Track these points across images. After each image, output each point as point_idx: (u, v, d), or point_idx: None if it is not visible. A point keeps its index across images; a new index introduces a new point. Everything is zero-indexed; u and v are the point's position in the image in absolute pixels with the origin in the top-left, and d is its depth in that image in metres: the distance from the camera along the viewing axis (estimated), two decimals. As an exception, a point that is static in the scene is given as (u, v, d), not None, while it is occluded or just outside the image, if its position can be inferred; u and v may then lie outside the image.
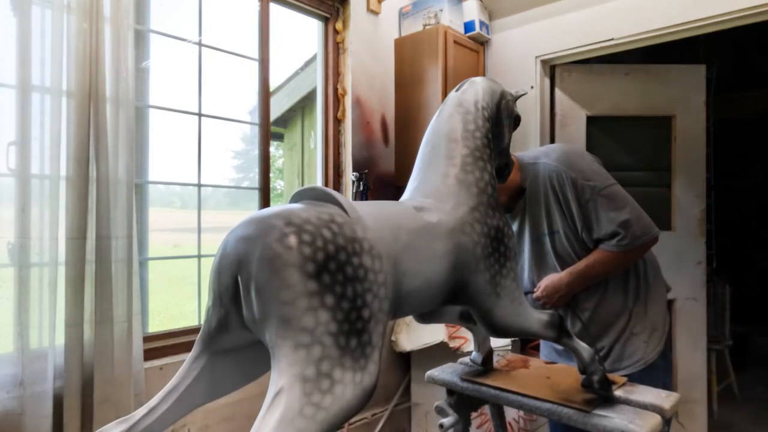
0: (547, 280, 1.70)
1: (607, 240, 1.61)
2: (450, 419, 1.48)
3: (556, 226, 1.69)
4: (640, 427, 1.17)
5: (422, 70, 2.82)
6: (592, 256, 1.64)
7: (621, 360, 1.69)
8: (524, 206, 1.75)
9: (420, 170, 1.28)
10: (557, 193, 1.66)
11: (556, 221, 1.68)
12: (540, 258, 1.75)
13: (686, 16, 2.43)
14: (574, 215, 1.64)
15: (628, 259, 1.63)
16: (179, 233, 3.04)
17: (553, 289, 1.68)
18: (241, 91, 2.62)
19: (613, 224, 1.59)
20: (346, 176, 2.75)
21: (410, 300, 1.05)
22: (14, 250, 1.58)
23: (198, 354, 0.98)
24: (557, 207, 1.67)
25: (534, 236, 1.75)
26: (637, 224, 1.58)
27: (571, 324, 1.73)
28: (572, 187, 1.63)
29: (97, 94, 1.69)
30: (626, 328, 1.69)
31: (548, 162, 1.69)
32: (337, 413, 0.83)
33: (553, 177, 1.66)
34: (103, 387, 1.67)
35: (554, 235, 1.70)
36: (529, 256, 1.78)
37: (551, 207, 1.68)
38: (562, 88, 3.01)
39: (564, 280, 1.67)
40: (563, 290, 1.67)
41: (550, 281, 1.69)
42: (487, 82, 1.37)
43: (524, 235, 1.77)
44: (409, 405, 2.93)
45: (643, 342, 1.68)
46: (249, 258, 0.85)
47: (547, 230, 1.71)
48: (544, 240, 1.72)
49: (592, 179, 1.64)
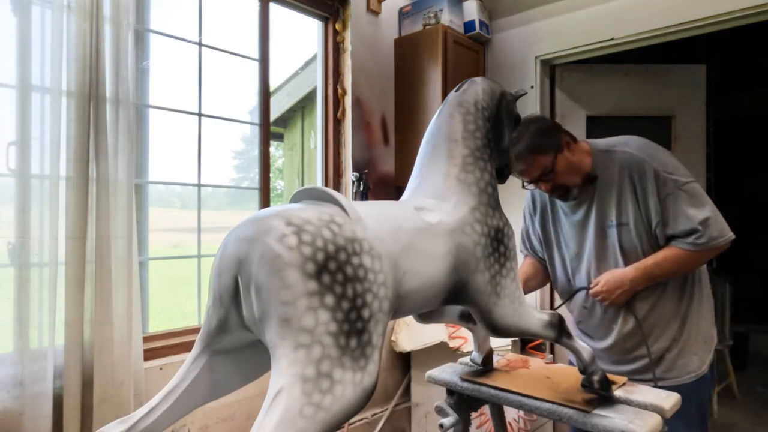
0: (608, 274, 1.61)
1: (682, 237, 1.54)
2: (450, 419, 1.48)
3: (626, 218, 1.60)
4: (640, 427, 1.17)
5: (422, 70, 2.82)
6: (662, 253, 1.56)
7: (672, 370, 1.63)
8: (593, 194, 1.65)
9: (420, 170, 1.28)
10: (634, 184, 1.58)
11: (628, 212, 1.60)
12: (601, 250, 1.65)
13: (686, 16, 2.43)
14: (650, 208, 1.56)
15: (698, 260, 1.57)
16: (179, 233, 3.04)
17: (615, 284, 1.58)
18: (241, 91, 2.62)
19: (692, 221, 1.52)
20: (346, 176, 2.74)
21: (410, 300, 1.05)
22: (14, 250, 1.58)
23: (198, 354, 0.98)
24: (632, 197, 1.58)
25: (599, 227, 1.65)
26: (715, 224, 1.52)
27: (623, 322, 1.65)
28: (654, 178, 1.55)
29: (97, 94, 1.69)
30: (680, 336, 1.63)
31: (628, 151, 1.61)
32: (337, 413, 0.83)
33: (633, 166, 1.58)
34: (103, 387, 1.67)
35: (622, 227, 1.61)
36: (589, 248, 1.68)
37: (624, 197, 1.60)
38: (562, 88, 3.01)
39: (628, 275, 1.57)
40: (626, 286, 1.57)
41: (612, 276, 1.59)
42: (487, 82, 1.37)
43: (588, 225, 1.67)
44: (409, 405, 2.93)
45: (694, 354, 1.63)
46: (249, 258, 0.85)
47: (615, 221, 1.61)
48: (610, 231, 1.63)
49: (674, 173, 1.56)
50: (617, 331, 1.67)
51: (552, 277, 1.85)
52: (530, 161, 1.60)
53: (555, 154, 1.60)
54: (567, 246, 1.75)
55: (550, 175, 1.61)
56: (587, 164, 1.64)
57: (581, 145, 1.68)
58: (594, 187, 1.65)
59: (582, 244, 1.70)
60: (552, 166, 1.60)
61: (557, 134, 1.63)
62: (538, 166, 1.61)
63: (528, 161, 1.60)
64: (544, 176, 1.61)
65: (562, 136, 1.63)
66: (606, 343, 1.70)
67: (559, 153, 1.61)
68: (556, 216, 1.78)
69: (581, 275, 1.72)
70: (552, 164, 1.60)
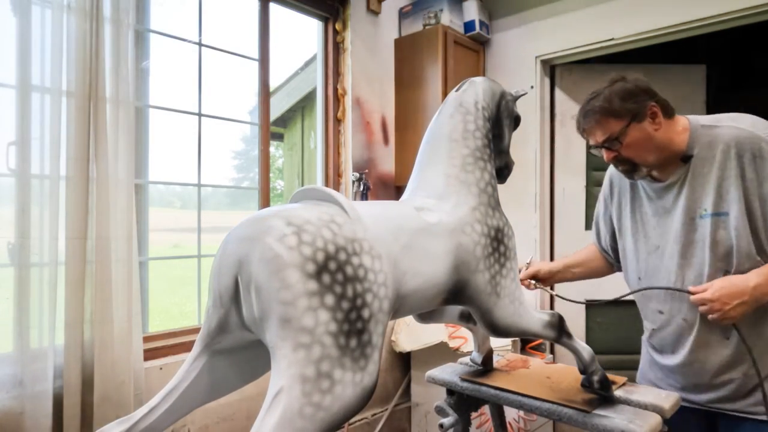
0: (723, 281, 1.28)
1: None
2: (450, 419, 1.48)
3: (726, 207, 1.31)
4: (640, 427, 1.17)
5: (422, 70, 2.82)
6: None
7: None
8: (685, 176, 1.38)
9: (420, 170, 1.28)
10: (743, 166, 1.30)
11: (729, 201, 1.31)
12: (687, 246, 1.37)
13: (686, 16, 2.43)
14: (765, 196, 1.28)
15: None
16: (179, 233, 3.04)
17: (733, 293, 1.25)
18: (241, 91, 2.62)
19: None
20: (346, 176, 2.74)
21: (410, 300, 1.05)
22: (14, 250, 1.58)
23: (198, 354, 0.98)
24: (737, 183, 1.30)
25: (688, 217, 1.37)
26: None
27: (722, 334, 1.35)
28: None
29: (97, 94, 1.69)
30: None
31: (738, 127, 1.33)
32: (337, 413, 0.83)
33: (744, 144, 1.30)
34: (103, 387, 1.67)
35: (719, 217, 1.32)
36: (673, 242, 1.40)
37: (727, 181, 1.31)
38: (562, 88, 3.01)
39: (750, 281, 1.25)
40: (746, 296, 1.24)
41: (728, 282, 1.27)
42: (488, 82, 1.37)
43: (673, 214, 1.40)
44: (409, 405, 2.93)
45: None
46: (249, 258, 0.85)
47: (711, 210, 1.33)
48: (702, 222, 1.35)
49: None
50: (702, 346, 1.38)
51: (624, 275, 1.59)
52: (597, 122, 1.38)
53: (629, 122, 1.35)
54: (646, 237, 1.47)
55: (615, 144, 1.37)
56: (678, 142, 1.37)
57: (678, 119, 1.41)
58: (687, 168, 1.37)
59: (664, 235, 1.42)
60: (620, 134, 1.35)
61: (644, 101, 1.35)
62: (604, 131, 1.38)
63: (594, 121, 1.38)
64: (608, 143, 1.38)
65: (649, 104, 1.36)
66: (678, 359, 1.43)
67: (636, 122, 1.35)
68: (638, 200, 1.51)
69: (659, 275, 1.44)
70: (621, 133, 1.35)
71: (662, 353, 1.49)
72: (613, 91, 1.37)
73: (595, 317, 2.98)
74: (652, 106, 1.36)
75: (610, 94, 1.37)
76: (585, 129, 1.42)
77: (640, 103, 1.35)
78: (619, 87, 1.37)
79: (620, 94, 1.36)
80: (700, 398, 1.41)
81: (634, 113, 1.35)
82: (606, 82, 1.40)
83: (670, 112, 1.40)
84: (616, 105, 1.35)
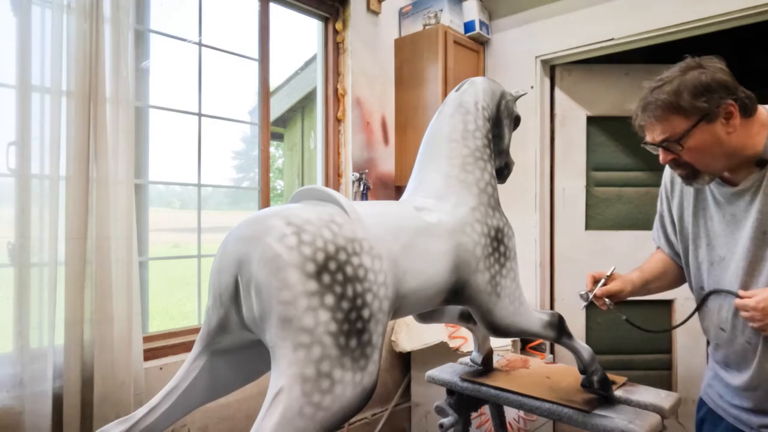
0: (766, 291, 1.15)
1: None
2: (450, 419, 1.48)
3: None
4: (640, 427, 1.17)
5: (422, 70, 2.82)
6: None
7: None
8: (758, 185, 1.19)
9: (420, 170, 1.28)
10: None
11: None
12: (755, 263, 1.21)
13: (686, 16, 2.43)
14: None
15: None
16: (179, 233, 3.04)
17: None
18: (241, 91, 2.62)
19: None
20: (346, 176, 2.74)
21: (410, 299, 1.05)
22: (14, 250, 1.57)
23: (198, 354, 0.98)
24: None
25: (759, 230, 1.19)
26: None
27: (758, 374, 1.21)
28: None
29: (96, 94, 1.68)
30: None
31: None
32: (337, 413, 0.83)
33: None
34: (102, 387, 1.67)
35: None
36: (740, 254, 1.23)
37: None
38: (562, 88, 3.01)
39: None
40: None
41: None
42: (487, 82, 1.37)
43: (744, 225, 1.22)
44: (409, 405, 2.93)
45: None
46: (249, 258, 0.86)
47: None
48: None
49: None
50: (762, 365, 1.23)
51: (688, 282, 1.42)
52: (657, 118, 1.18)
53: (697, 122, 1.14)
54: (710, 246, 1.30)
55: (675, 147, 1.18)
56: (753, 145, 1.18)
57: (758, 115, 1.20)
58: (763, 174, 1.18)
59: (732, 247, 1.25)
60: (683, 136, 1.16)
61: (720, 99, 1.14)
62: (664, 128, 1.18)
63: (654, 117, 1.19)
64: (667, 144, 1.19)
65: (725, 103, 1.14)
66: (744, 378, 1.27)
67: (706, 123, 1.15)
68: (703, 203, 1.32)
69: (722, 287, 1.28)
70: (685, 133, 1.15)
71: (728, 369, 1.33)
72: (684, 83, 1.15)
73: (596, 317, 2.98)
74: (729, 105, 1.14)
75: (680, 85, 1.15)
76: (641, 125, 1.23)
77: (715, 101, 1.14)
78: (692, 78, 1.15)
79: (692, 89, 1.14)
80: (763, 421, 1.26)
81: (706, 113, 1.14)
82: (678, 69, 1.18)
83: (750, 111, 1.18)
84: (685, 101, 1.14)
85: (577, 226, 2.99)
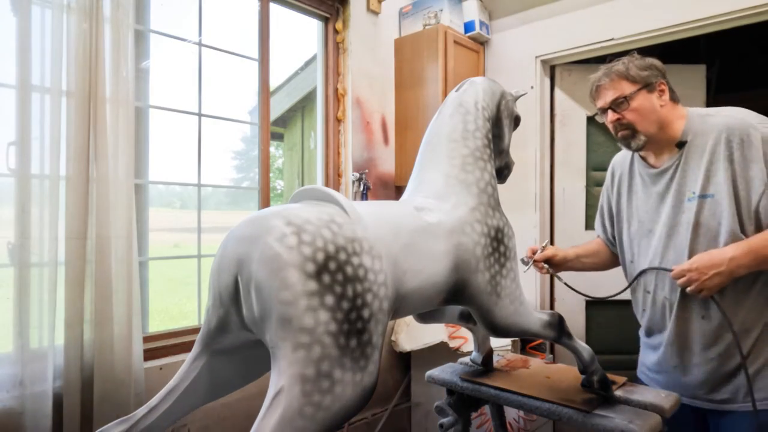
0: (701, 254, 1.37)
1: None
2: (450, 419, 1.48)
3: (712, 189, 1.39)
4: (640, 427, 1.17)
5: (422, 70, 2.82)
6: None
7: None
8: (677, 164, 1.46)
9: (420, 170, 1.28)
10: (731, 150, 1.37)
11: (716, 183, 1.39)
12: (673, 228, 1.46)
13: (686, 16, 2.43)
14: (751, 178, 1.35)
15: None
16: (179, 233, 3.04)
17: (709, 264, 1.32)
18: (241, 91, 2.62)
19: None
20: (346, 176, 2.74)
21: (410, 299, 1.05)
22: (14, 250, 1.57)
23: (198, 354, 0.98)
24: (725, 165, 1.37)
25: (677, 200, 1.46)
26: None
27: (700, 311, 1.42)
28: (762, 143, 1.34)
29: (96, 94, 1.68)
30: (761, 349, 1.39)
31: (731, 116, 1.42)
32: (337, 413, 0.83)
33: (734, 130, 1.38)
34: (102, 387, 1.67)
35: (705, 199, 1.40)
36: (662, 225, 1.48)
37: (716, 165, 1.39)
38: (562, 88, 3.01)
39: (727, 253, 1.32)
40: (723, 266, 1.31)
41: (706, 254, 1.35)
42: (487, 82, 1.37)
43: (665, 199, 1.48)
44: (409, 405, 2.93)
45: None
46: (249, 258, 0.86)
47: (698, 193, 1.41)
48: (688, 205, 1.43)
49: None
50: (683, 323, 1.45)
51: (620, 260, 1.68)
52: (611, 81, 1.49)
53: (641, 88, 1.46)
54: (640, 221, 1.56)
55: (622, 106, 1.47)
56: (676, 128, 1.47)
57: (679, 107, 1.52)
58: (681, 154, 1.46)
59: (656, 219, 1.51)
60: (629, 97, 1.46)
61: (657, 77, 1.48)
62: (615, 90, 1.48)
63: (609, 79, 1.49)
64: (617, 104, 1.48)
65: (661, 82, 1.48)
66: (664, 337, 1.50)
67: (647, 91, 1.46)
68: (633, 186, 1.60)
69: (647, 256, 1.52)
70: (631, 96, 1.46)
71: (652, 335, 1.57)
72: (632, 60, 1.50)
73: (595, 317, 2.98)
74: (663, 83, 1.49)
75: (629, 62, 1.49)
76: (598, 86, 1.52)
77: (655, 77, 1.48)
78: (638, 58, 1.51)
79: (638, 65, 1.48)
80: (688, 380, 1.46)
81: (647, 82, 1.46)
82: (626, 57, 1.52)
83: (676, 98, 1.52)
84: (633, 71, 1.47)
85: (577, 226, 2.99)
